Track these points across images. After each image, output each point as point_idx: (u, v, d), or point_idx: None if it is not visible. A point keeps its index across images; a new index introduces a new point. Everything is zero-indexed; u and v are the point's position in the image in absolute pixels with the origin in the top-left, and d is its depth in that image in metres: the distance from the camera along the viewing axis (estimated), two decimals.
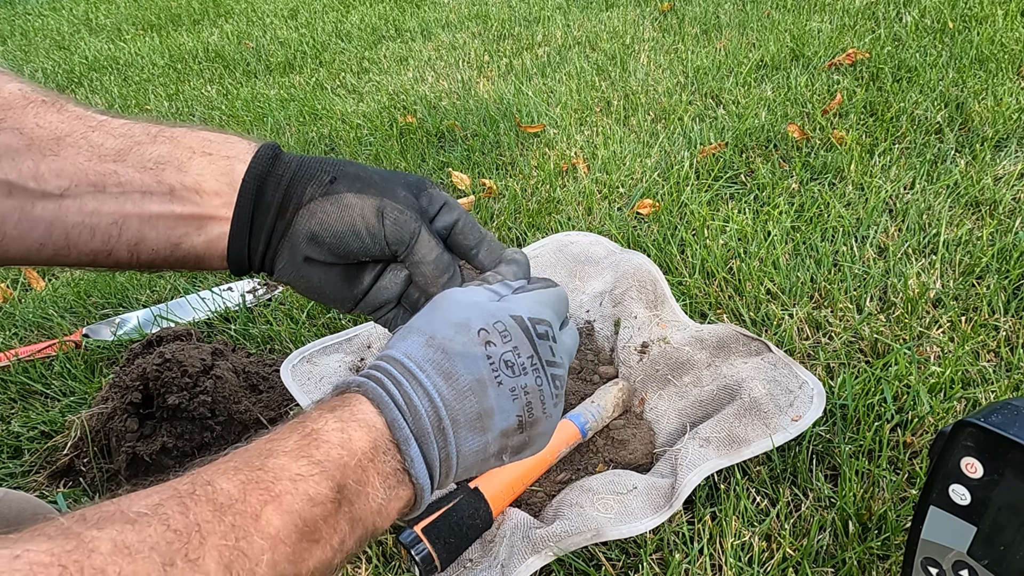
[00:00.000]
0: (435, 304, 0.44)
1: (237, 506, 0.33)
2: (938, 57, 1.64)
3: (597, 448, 0.83)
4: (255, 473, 0.35)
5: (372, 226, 0.47)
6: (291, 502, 0.35)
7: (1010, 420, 0.46)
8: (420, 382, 0.40)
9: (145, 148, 0.46)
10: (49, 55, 3.01)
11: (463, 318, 0.42)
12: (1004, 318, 0.93)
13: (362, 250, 0.48)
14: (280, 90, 2.20)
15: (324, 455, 0.37)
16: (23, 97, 0.45)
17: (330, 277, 0.50)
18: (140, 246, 0.47)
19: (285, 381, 0.89)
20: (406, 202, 0.48)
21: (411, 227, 0.48)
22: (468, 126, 1.70)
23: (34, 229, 0.45)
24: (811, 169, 1.32)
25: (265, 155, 0.48)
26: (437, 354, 0.41)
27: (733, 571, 0.68)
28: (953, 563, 0.51)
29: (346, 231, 0.47)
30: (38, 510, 0.66)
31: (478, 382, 0.41)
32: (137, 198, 0.46)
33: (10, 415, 1.01)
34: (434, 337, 0.42)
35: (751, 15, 2.16)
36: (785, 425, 0.77)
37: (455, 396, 0.40)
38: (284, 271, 0.49)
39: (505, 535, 0.71)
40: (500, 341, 0.42)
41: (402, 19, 2.82)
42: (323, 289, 0.50)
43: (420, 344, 0.42)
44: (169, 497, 0.32)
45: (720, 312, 1.00)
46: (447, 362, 0.41)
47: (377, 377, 0.41)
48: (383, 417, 0.40)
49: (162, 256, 0.48)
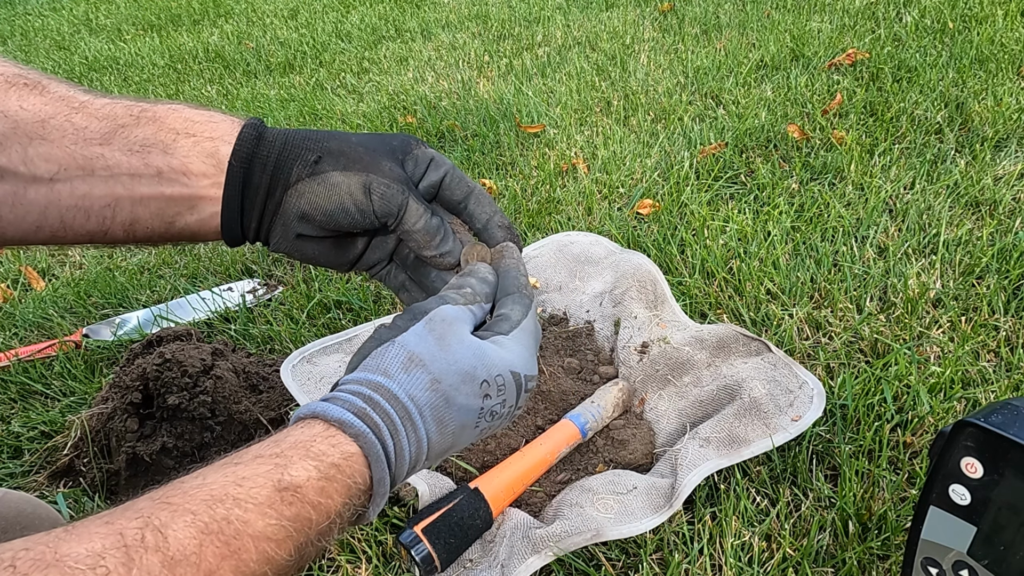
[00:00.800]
0: (437, 333, 0.43)
1: (191, 560, 0.31)
2: (938, 57, 1.64)
3: (597, 448, 0.83)
4: (216, 524, 0.33)
5: (360, 202, 0.48)
6: (249, 560, 0.33)
7: (1010, 420, 0.46)
8: (416, 429, 0.40)
9: (129, 130, 0.46)
10: (49, 55, 3.01)
11: (470, 367, 0.42)
12: (1004, 318, 0.93)
13: (352, 225, 0.49)
14: (280, 90, 2.20)
15: (296, 514, 0.35)
16: (5, 81, 0.45)
17: (324, 248, 0.51)
18: (135, 226, 0.48)
19: (285, 381, 0.89)
20: (391, 174, 0.49)
21: (398, 200, 0.48)
22: (468, 126, 1.70)
23: (29, 213, 0.45)
24: (811, 169, 1.32)
25: (249, 136, 0.48)
26: (439, 400, 0.41)
27: (733, 571, 0.68)
28: (953, 563, 0.51)
29: (335, 209, 0.48)
30: (38, 510, 0.66)
31: (462, 427, 0.43)
32: (126, 180, 0.46)
33: (10, 415, 1.01)
34: (439, 381, 0.41)
35: (751, 15, 2.16)
36: (785, 425, 0.77)
37: (439, 439, 0.42)
38: (279, 244, 0.50)
39: (505, 535, 0.71)
40: (496, 395, 0.43)
41: (402, 19, 2.82)
42: (318, 258, 0.52)
43: (424, 385, 0.41)
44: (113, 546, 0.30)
45: (720, 312, 1.00)
46: (446, 410, 0.42)
47: (374, 423, 0.39)
48: (370, 474, 0.39)
49: (158, 233, 0.49)
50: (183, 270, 1.33)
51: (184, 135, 0.47)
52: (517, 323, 0.46)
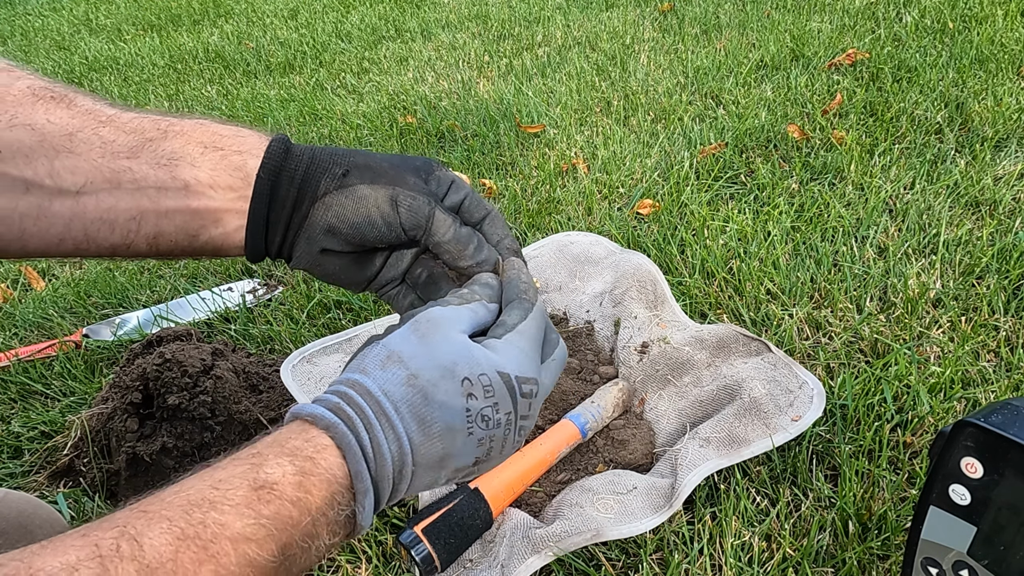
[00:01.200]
0: (421, 331, 0.43)
1: (167, 567, 0.31)
2: (938, 57, 1.64)
3: (597, 448, 0.83)
4: (193, 528, 0.32)
5: (387, 215, 0.48)
6: (228, 563, 0.32)
7: (1010, 420, 0.46)
8: (393, 426, 0.39)
9: (157, 144, 0.47)
10: (49, 55, 3.01)
11: (450, 361, 0.41)
12: (1004, 318, 0.93)
13: (378, 238, 0.49)
14: (280, 90, 2.21)
15: (274, 512, 0.35)
16: (32, 94, 0.45)
17: (344, 264, 0.51)
18: (159, 239, 0.48)
19: (285, 381, 0.89)
20: (417, 187, 0.49)
21: (425, 211, 0.49)
22: (468, 126, 1.70)
23: (53, 225, 0.45)
24: (811, 169, 1.32)
25: (277, 150, 0.48)
26: (417, 396, 0.40)
27: (733, 571, 0.68)
28: (953, 563, 0.51)
29: (362, 222, 0.48)
30: (38, 511, 0.66)
31: (449, 430, 0.40)
32: (152, 193, 0.46)
33: (10, 415, 1.01)
34: (416, 376, 0.40)
35: (751, 15, 2.16)
36: (785, 425, 0.77)
37: (424, 441, 0.40)
38: (301, 259, 0.50)
39: (505, 535, 0.71)
40: (482, 395, 0.41)
41: (402, 19, 2.82)
42: (338, 275, 0.52)
43: (400, 381, 0.40)
44: (88, 557, 0.29)
45: (720, 312, 1.00)
46: (425, 407, 0.40)
47: (347, 415, 0.39)
48: (347, 467, 0.38)
49: (181, 247, 0.49)
50: (183, 270, 1.33)
51: (212, 148, 0.48)
52: (512, 327, 0.45)
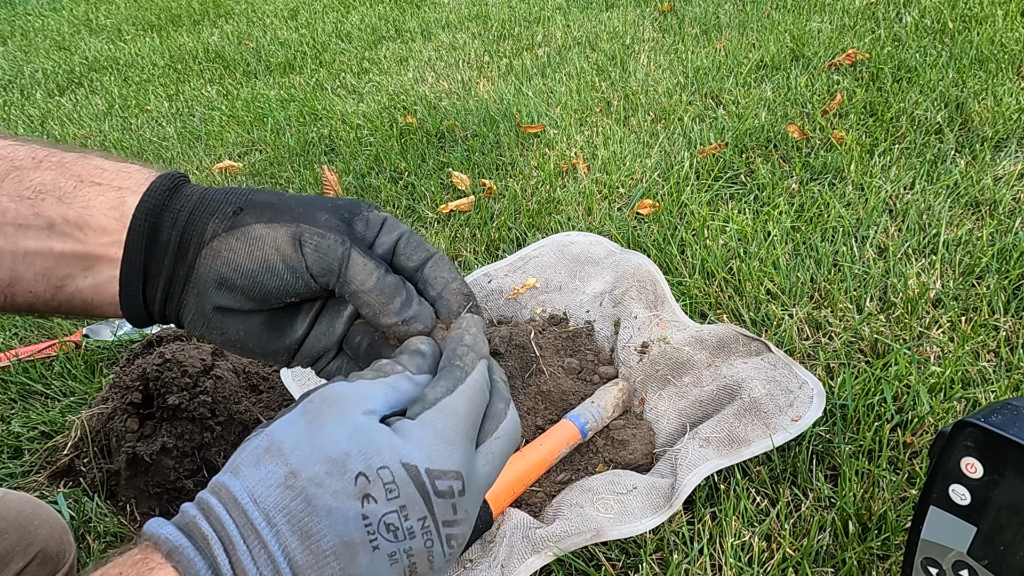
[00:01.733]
0: (311, 414, 0.33)
1: None
2: (938, 57, 1.64)
3: (597, 448, 0.83)
4: None
5: (289, 257, 0.39)
6: None
7: (1010, 420, 0.46)
8: (264, 544, 0.30)
9: (26, 174, 0.40)
10: (49, 55, 3.01)
11: (340, 452, 0.32)
12: (1004, 318, 0.93)
13: (282, 289, 0.40)
14: (280, 90, 2.21)
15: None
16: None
17: (252, 327, 0.42)
18: (15, 287, 0.40)
19: (285, 381, 0.89)
20: (328, 225, 0.40)
21: (337, 251, 0.39)
22: (468, 126, 1.70)
23: None
24: (811, 169, 1.32)
25: (161, 186, 0.40)
26: (296, 501, 0.31)
27: (733, 571, 0.68)
28: (953, 563, 0.51)
29: (257, 268, 0.39)
30: (38, 511, 0.67)
31: (346, 545, 0.31)
32: (10, 231, 0.39)
33: (10, 415, 1.01)
34: (297, 474, 0.31)
35: (751, 15, 2.16)
36: (785, 425, 0.77)
37: (312, 562, 0.31)
38: (194, 322, 0.41)
39: (505, 535, 0.71)
40: (383, 498, 0.32)
41: (402, 19, 2.82)
42: (246, 342, 0.42)
43: (275, 481, 0.31)
44: None
45: (720, 312, 1.00)
46: (308, 516, 0.31)
47: (202, 534, 0.30)
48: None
49: (43, 300, 0.41)
50: None
51: (88, 183, 0.40)
52: (432, 403, 0.34)
